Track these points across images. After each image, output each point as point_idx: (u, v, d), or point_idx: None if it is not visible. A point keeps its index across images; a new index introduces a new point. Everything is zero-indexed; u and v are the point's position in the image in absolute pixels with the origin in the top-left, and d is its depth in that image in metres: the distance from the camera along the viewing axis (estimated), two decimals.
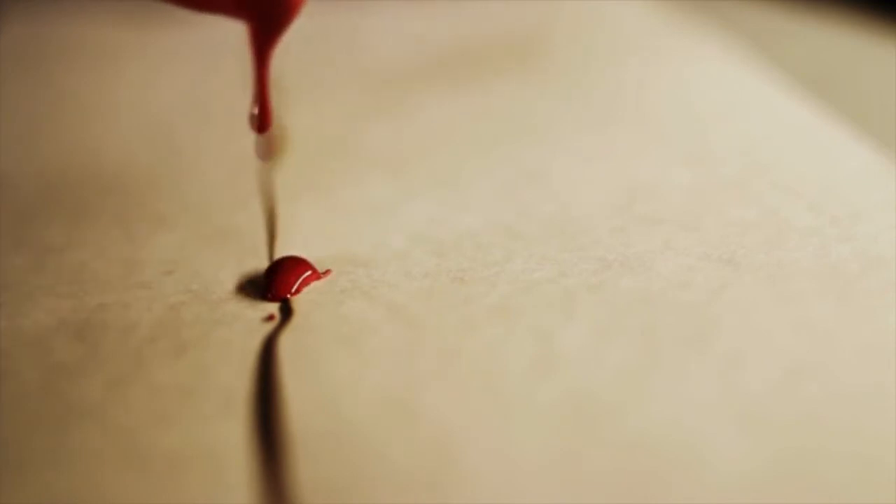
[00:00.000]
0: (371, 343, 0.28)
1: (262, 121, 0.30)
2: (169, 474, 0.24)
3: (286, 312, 0.29)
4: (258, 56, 0.30)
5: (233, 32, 0.32)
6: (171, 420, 0.25)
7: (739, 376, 0.25)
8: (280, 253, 0.32)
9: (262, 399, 0.26)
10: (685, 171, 0.36)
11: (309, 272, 0.30)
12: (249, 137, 0.30)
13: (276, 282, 0.30)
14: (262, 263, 0.31)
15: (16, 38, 0.52)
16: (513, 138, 0.40)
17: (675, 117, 0.41)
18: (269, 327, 0.28)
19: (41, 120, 0.44)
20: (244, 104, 0.31)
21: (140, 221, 0.34)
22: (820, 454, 0.23)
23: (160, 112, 0.44)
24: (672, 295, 0.29)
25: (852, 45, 0.48)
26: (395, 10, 0.55)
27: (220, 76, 0.47)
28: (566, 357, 0.26)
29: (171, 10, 0.31)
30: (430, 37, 0.51)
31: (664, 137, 0.39)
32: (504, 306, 0.29)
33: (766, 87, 0.43)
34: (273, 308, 0.29)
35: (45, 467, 0.24)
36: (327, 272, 0.31)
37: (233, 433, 0.25)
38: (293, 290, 0.30)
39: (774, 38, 0.49)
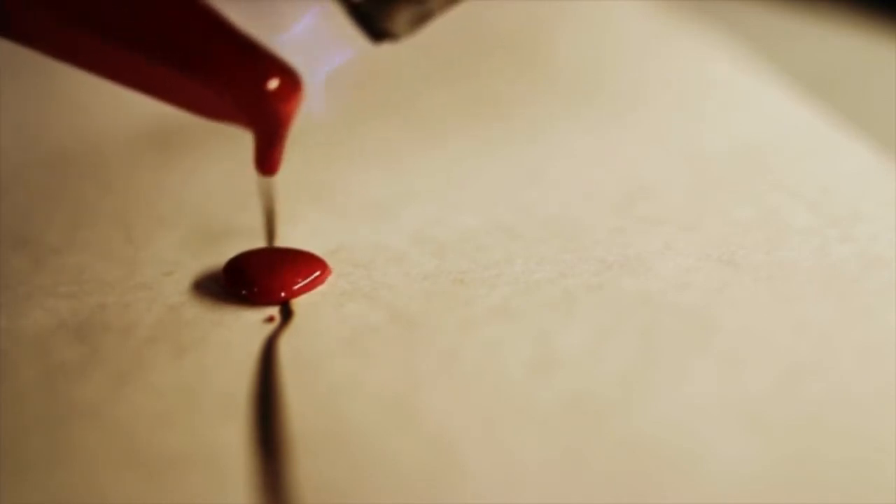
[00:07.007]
0: (371, 344, 0.28)
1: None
2: (169, 474, 0.24)
3: (286, 314, 0.29)
4: (261, 160, 0.29)
5: None
6: (171, 420, 0.25)
7: (739, 377, 0.25)
8: None
9: (263, 400, 0.26)
10: (685, 171, 0.36)
11: (302, 281, 0.30)
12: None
13: (262, 285, 0.30)
14: None
15: None
16: (513, 138, 0.39)
17: (676, 118, 0.41)
18: (269, 329, 0.28)
19: (41, 119, 0.44)
20: None
21: (140, 221, 0.34)
22: (820, 454, 0.23)
23: (160, 112, 0.44)
24: (672, 295, 0.29)
25: (852, 45, 0.48)
26: None
27: None
28: (566, 357, 0.26)
29: None
30: (432, 36, 0.51)
31: (664, 137, 0.39)
32: (504, 307, 0.29)
33: (766, 87, 0.43)
34: (273, 310, 0.29)
35: (45, 467, 0.24)
36: (322, 274, 0.30)
37: (233, 434, 0.25)
38: (287, 292, 0.30)
39: (775, 38, 0.49)
